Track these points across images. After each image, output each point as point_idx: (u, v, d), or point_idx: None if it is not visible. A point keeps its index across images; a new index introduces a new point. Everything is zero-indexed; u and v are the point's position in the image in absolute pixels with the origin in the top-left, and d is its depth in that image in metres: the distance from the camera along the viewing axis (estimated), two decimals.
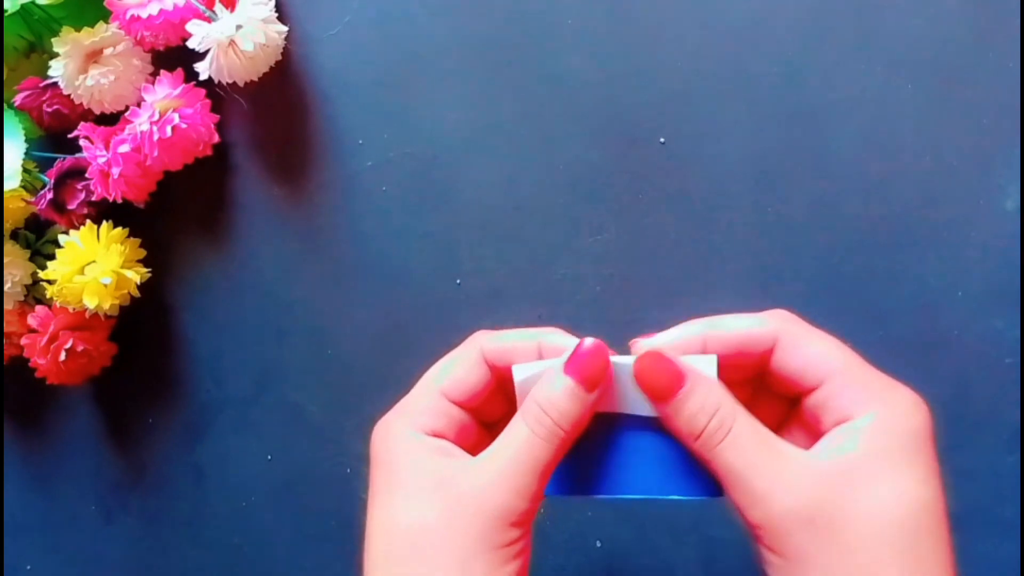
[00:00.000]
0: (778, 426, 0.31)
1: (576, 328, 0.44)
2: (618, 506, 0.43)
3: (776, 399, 0.31)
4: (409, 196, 0.46)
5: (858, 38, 0.41)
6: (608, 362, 0.29)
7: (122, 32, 0.45)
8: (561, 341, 0.31)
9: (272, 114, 0.48)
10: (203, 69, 0.44)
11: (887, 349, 0.41)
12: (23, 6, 0.45)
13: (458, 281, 0.46)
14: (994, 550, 0.40)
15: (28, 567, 0.53)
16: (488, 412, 0.32)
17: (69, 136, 0.46)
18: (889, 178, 0.41)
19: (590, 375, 0.28)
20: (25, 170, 0.46)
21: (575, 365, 0.28)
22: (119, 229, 0.47)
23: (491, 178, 0.45)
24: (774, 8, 0.42)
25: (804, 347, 0.29)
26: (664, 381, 0.28)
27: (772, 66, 0.42)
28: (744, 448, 0.27)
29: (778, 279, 0.42)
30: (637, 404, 0.30)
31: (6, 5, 0.44)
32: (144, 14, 0.43)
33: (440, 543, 0.27)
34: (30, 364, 0.47)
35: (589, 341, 0.29)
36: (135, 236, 0.48)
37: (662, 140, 0.43)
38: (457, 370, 0.31)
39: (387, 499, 0.29)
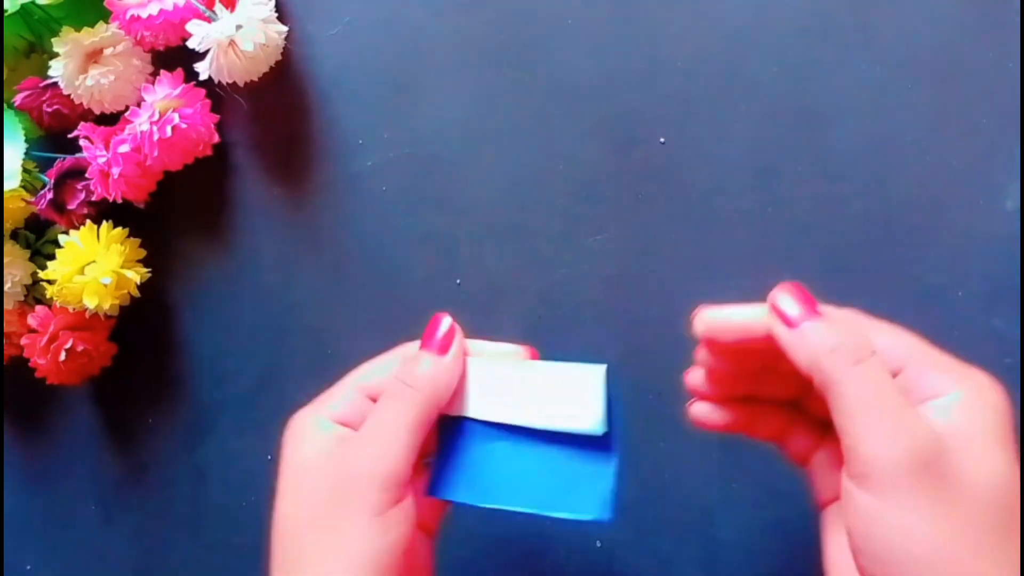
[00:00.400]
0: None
1: (576, 328, 0.44)
2: (618, 505, 0.43)
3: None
4: (409, 196, 0.46)
5: (858, 38, 0.41)
6: (453, 328, 0.32)
7: (122, 32, 0.45)
8: (479, 348, 0.33)
9: (272, 114, 0.48)
10: (203, 69, 0.44)
11: None
12: (23, 6, 0.45)
13: (458, 281, 0.46)
14: None
15: (28, 567, 0.53)
16: None
17: (69, 136, 0.46)
18: (889, 178, 0.41)
19: (437, 341, 0.32)
20: (25, 170, 0.46)
21: (426, 336, 0.32)
22: (119, 229, 0.47)
23: (491, 178, 0.45)
24: (774, 8, 0.42)
25: (879, 337, 0.29)
26: (808, 296, 0.29)
27: (772, 66, 0.42)
28: (877, 379, 0.27)
29: (778, 279, 0.42)
30: (523, 410, 0.31)
31: (6, 5, 0.44)
32: (144, 14, 0.43)
33: (331, 519, 0.29)
34: (30, 364, 0.47)
35: (447, 321, 0.33)
36: (135, 236, 0.48)
37: (662, 140, 0.43)
38: (378, 369, 0.33)
39: (283, 482, 0.32)
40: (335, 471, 0.30)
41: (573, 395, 0.31)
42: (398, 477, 0.30)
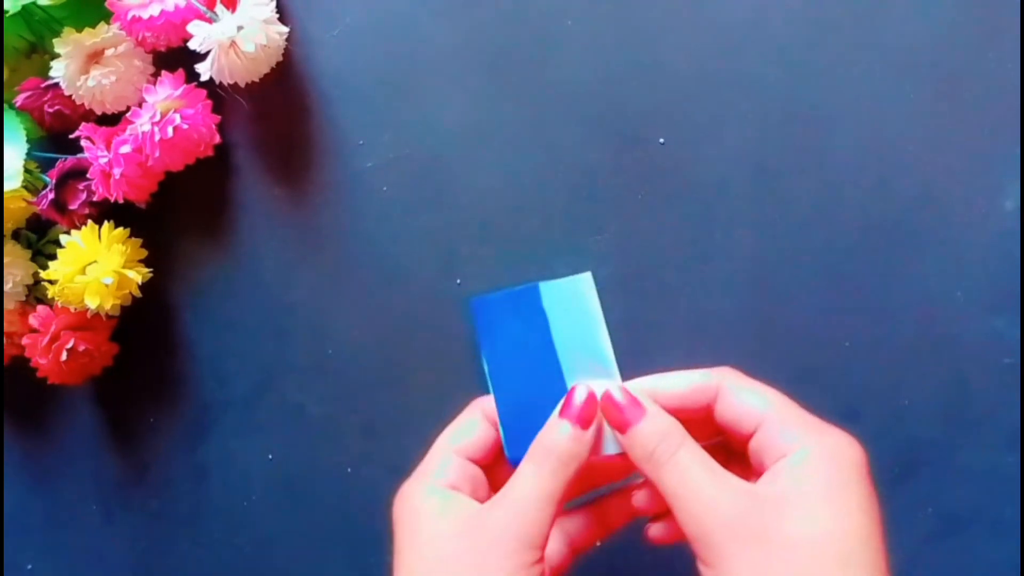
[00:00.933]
0: None
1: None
2: None
3: (740, 466, 0.32)
4: (409, 196, 0.46)
5: (858, 38, 0.41)
6: (596, 404, 0.32)
7: (123, 33, 0.45)
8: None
9: (273, 115, 0.48)
10: (204, 70, 0.44)
11: (887, 349, 0.41)
12: (24, 7, 0.45)
13: (458, 281, 0.46)
14: (993, 550, 0.40)
15: (28, 567, 0.53)
16: (497, 475, 0.35)
17: (70, 136, 0.46)
18: (889, 178, 0.41)
19: (581, 416, 0.32)
20: (26, 170, 0.46)
21: (567, 409, 0.32)
22: (120, 229, 0.47)
23: (491, 178, 0.45)
24: (774, 8, 0.42)
25: (741, 395, 0.32)
26: (625, 413, 0.32)
27: (772, 66, 0.42)
28: (687, 468, 0.30)
29: (778, 279, 0.42)
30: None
31: (7, 6, 0.44)
32: (145, 15, 0.43)
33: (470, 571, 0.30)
34: (31, 364, 0.47)
35: (581, 389, 0.33)
36: (136, 236, 0.48)
37: (662, 140, 0.43)
38: (466, 429, 0.35)
39: (411, 555, 0.31)
40: (477, 535, 0.30)
41: None
42: (540, 540, 0.30)
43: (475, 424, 0.35)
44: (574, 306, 0.34)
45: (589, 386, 0.33)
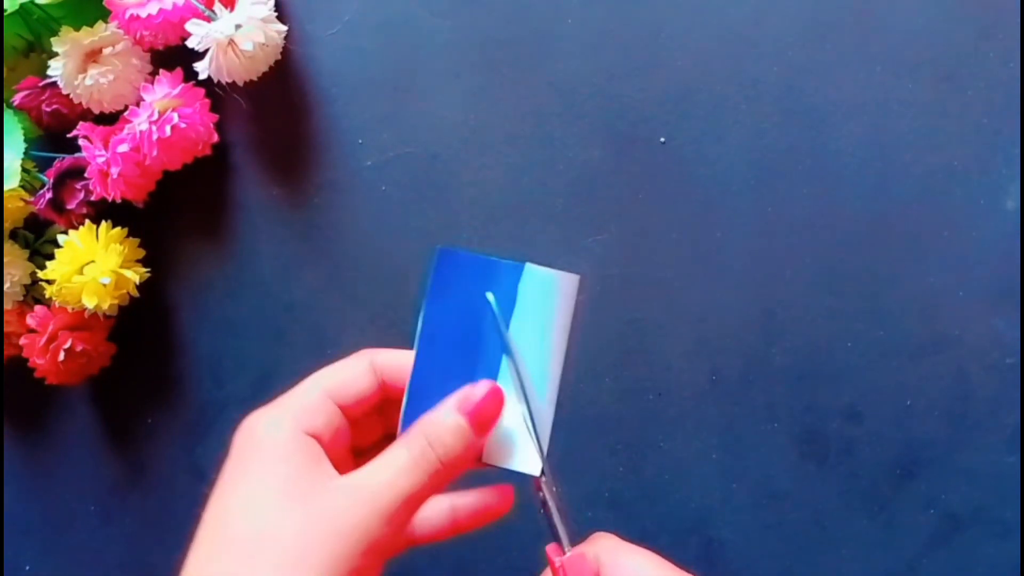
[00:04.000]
0: None
1: (575, 327, 0.44)
2: (618, 506, 0.43)
3: None
4: (408, 195, 0.46)
5: (858, 38, 0.41)
6: (502, 406, 0.28)
7: (121, 32, 0.45)
8: None
9: (271, 114, 0.48)
10: (202, 68, 0.43)
11: (887, 349, 0.41)
12: (22, 5, 0.44)
13: None
14: (994, 550, 0.40)
15: (27, 567, 0.53)
16: (364, 432, 0.31)
17: (68, 136, 0.46)
18: (889, 178, 0.41)
19: (483, 419, 0.28)
20: (24, 170, 0.46)
21: (469, 405, 0.28)
22: (118, 229, 0.47)
23: (491, 178, 0.45)
24: (774, 8, 0.42)
25: (625, 561, 0.29)
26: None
27: (772, 66, 0.42)
28: None
29: (778, 279, 0.42)
30: (521, 461, 0.29)
31: (5, 4, 0.44)
32: (143, 13, 0.43)
33: (284, 560, 0.25)
34: (29, 364, 0.47)
35: (486, 384, 0.28)
36: (134, 236, 0.48)
37: (662, 140, 0.43)
38: (346, 372, 0.30)
39: (236, 499, 0.27)
40: (313, 515, 0.26)
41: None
42: (385, 548, 0.26)
43: (358, 371, 0.30)
44: (549, 303, 0.30)
45: (500, 388, 0.28)
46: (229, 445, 0.29)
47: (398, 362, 0.30)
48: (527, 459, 0.30)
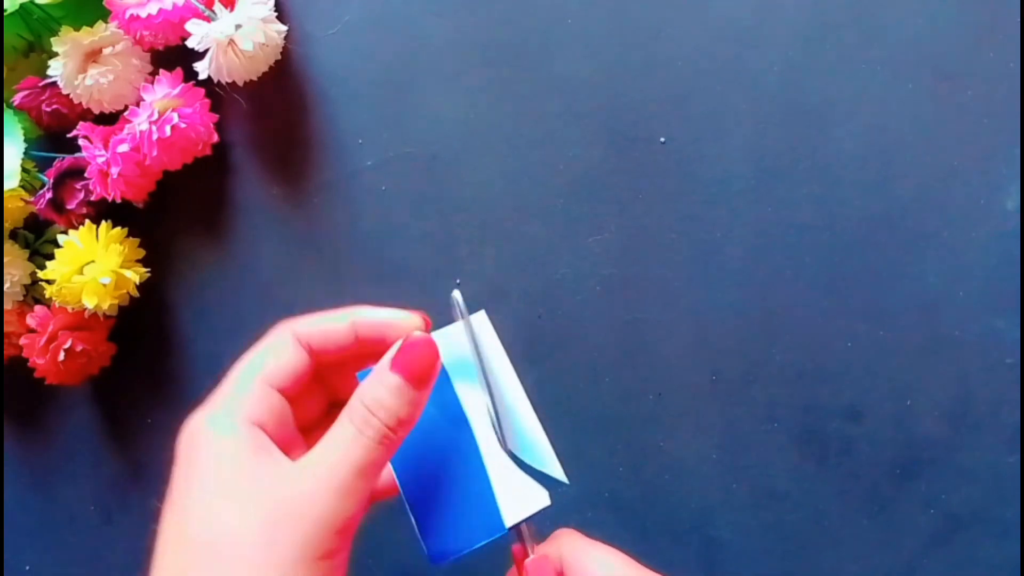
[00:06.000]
0: None
1: (576, 328, 0.44)
2: (618, 506, 0.43)
3: None
4: (408, 195, 0.46)
5: (858, 38, 0.41)
6: (437, 355, 0.28)
7: (121, 31, 0.45)
8: (373, 316, 0.29)
9: (271, 114, 0.48)
10: (202, 68, 0.43)
11: (887, 349, 0.41)
12: (22, 5, 0.44)
13: (458, 281, 0.45)
14: (994, 550, 0.40)
15: (27, 567, 0.53)
16: (306, 408, 0.30)
17: (68, 136, 0.46)
18: (889, 178, 0.41)
19: (419, 371, 0.27)
20: (24, 170, 0.46)
21: (403, 360, 0.27)
22: (118, 229, 0.47)
23: (491, 178, 0.45)
24: (774, 8, 0.42)
25: (588, 559, 0.29)
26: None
27: (772, 66, 0.42)
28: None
29: (778, 279, 0.42)
30: (533, 502, 0.29)
31: (5, 4, 0.44)
32: (143, 13, 0.43)
33: (254, 554, 0.24)
34: (29, 364, 0.47)
35: (416, 333, 0.28)
36: (134, 236, 0.48)
37: (662, 140, 0.43)
38: (274, 355, 0.29)
39: (190, 505, 0.26)
40: (271, 505, 0.25)
41: (517, 484, 0.30)
42: (345, 524, 0.26)
43: (284, 347, 0.29)
44: (477, 347, 0.30)
45: (430, 337, 0.28)
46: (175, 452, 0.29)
47: (320, 328, 0.30)
48: (534, 496, 0.30)
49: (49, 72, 0.45)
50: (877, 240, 0.41)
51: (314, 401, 0.31)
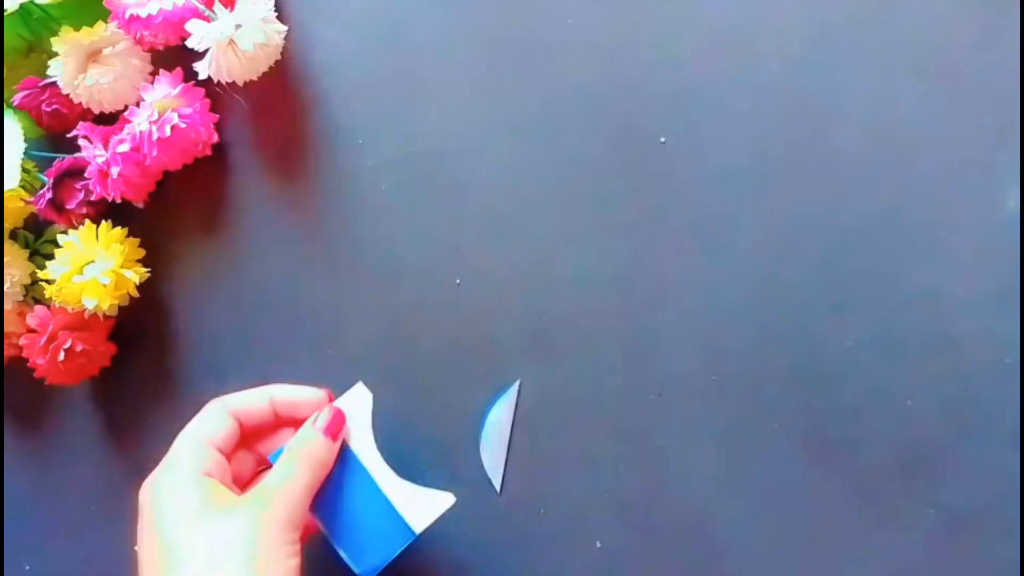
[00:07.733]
0: None
1: (576, 328, 0.44)
2: (618, 506, 0.43)
3: None
4: (409, 196, 0.46)
5: (858, 38, 0.41)
6: (343, 418, 0.40)
7: (121, 31, 0.45)
8: (287, 394, 0.41)
9: (271, 114, 0.48)
10: (202, 68, 0.43)
11: (887, 349, 0.41)
12: (22, 5, 0.45)
13: (458, 281, 0.45)
14: (994, 550, 0.40)
15: (27, 567, 0.53)
16: (237, 466, 0.40)
17: (68, 136, 0.46)
18: (890, 178, 0.41)
19: (334, 429, 0.39)
20: (24, 170, 0.46)
21: (324, 424, 0.39)
22: (118, 229, 0.47)
23: (491, 178, 0.45)
24: (775, 8, 0.42)
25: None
26: None
27: (773, 66, 0.42)
28: None
29: (779, 279, 0.42)
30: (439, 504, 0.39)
31: (5, 4, 0.44)
32: (143, 13, 0.43)
33: (239, 549, 0.34)
34: (29, 364, 0.47)
35: (328, 408, 0.40)
36: (134, 236, 0.48)
37: (662, 140, 0.43)
38: (212, 422, 0.39)
39: (158, 545, 0.36)
40: (259, 524, 0.35)
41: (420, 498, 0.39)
42: (303, 523, 0.37)
43: (222, 417, 0.39)
44: (360, 414, 0.41)
45: (340, 409, 0.40)
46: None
47: (246, 403, 0.40)
48: (439, 499, 0.39)
49: (49, 72, 0.45)
50: (878, 240, 0.41)
51: (243, 461, 0.41)
